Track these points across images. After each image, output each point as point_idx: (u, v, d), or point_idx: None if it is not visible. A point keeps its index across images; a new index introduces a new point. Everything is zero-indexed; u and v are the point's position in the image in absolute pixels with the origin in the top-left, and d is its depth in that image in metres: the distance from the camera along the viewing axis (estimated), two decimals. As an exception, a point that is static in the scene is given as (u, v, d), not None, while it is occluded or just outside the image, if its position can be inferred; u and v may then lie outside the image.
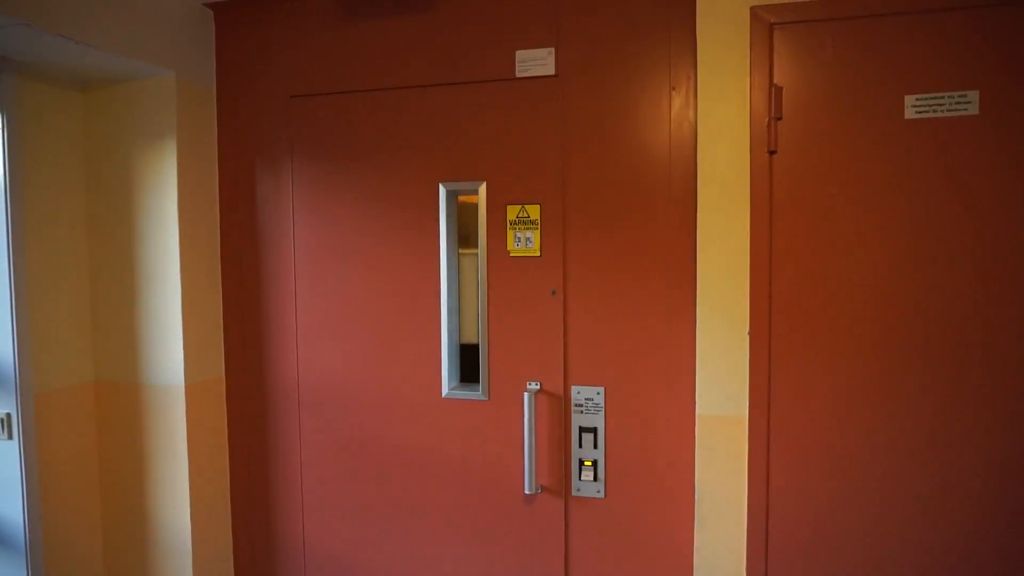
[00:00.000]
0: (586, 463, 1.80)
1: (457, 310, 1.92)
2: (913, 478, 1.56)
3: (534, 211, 1.80)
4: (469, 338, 1.94)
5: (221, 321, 2.10)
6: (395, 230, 1.92)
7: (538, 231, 1.80)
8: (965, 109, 1.50)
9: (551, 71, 1.79)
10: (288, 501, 2.07)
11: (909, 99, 1.53)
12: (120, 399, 2.01)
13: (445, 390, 1.89)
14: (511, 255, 1.83)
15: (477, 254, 1.86)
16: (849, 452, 1.59)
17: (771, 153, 1.61)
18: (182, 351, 1.94)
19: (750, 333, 1.62)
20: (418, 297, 1.91)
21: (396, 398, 1.94)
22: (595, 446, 1.79)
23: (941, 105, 1.51)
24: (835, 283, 1.58)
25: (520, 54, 1.81)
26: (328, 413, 2.01)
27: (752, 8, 1.60)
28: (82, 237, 2.01)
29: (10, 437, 1.80)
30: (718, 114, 1.64)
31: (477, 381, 1.88)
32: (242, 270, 2.07)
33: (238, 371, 2.10)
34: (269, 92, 2.02)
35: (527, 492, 1.78)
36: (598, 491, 1.80)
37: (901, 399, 1.56)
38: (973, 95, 1.49)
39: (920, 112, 1.52)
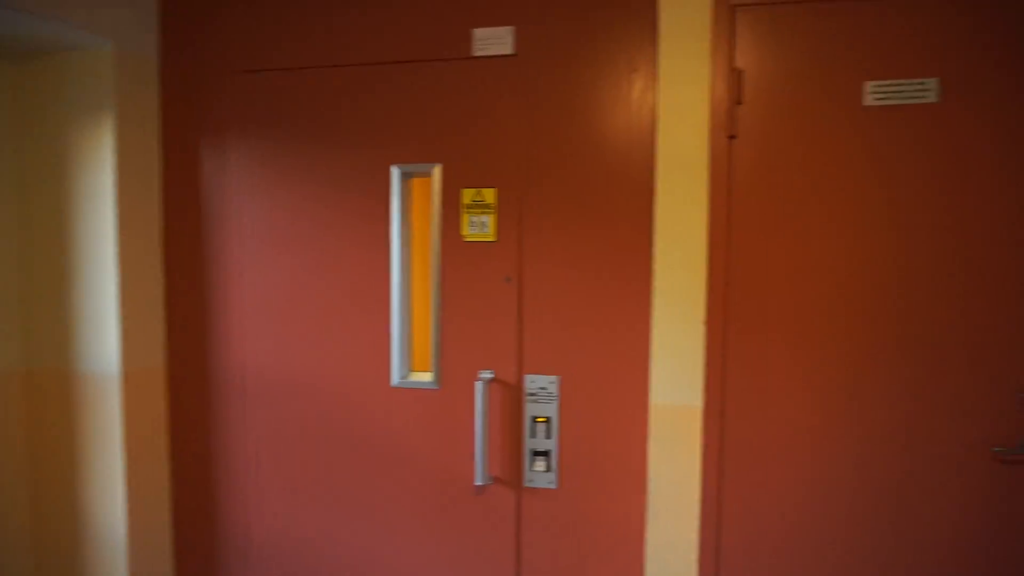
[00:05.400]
0: (539, 453, 1.75)
1: (409, 297, 1.85)
2: (868, 469, 1.55)
3: (490, 195, 1.75)
4: (422, 326, 1.88)
5: (163, 306, 2.00)
6: (346, 213, 1.85)
7: (494, 216, 1.75)
8: (924, 96, 1.48)
9: (510, 50, 1.73)
10: (232, 493, 1.98)
11: (869, 85, 1.51)
12: (51, 388, 1.90)
13: (395, 379, 1.83)
14: (465, 240, 1.77)
15: (430, 238, 1.80)
16: (803, 444, 1.58)
17: (731, 138, 1.58)
18: (118, 337, 1.84)
19: (706, 321, 1.59)
20: (368, 283, 1.84)
21: (345, 387, 1.87)
22: (548, 436, 1.74)
23: (901, 92, 1.49)
24: (793, 270, 1.56)
25: (478, 32, 1.75)
26: (275, 402, 1.93)
27: (714, -11, 1.57)
28: (11, 217, 1.89)
29: (-71, 427, 1.68)
30: (678, 98, 1.61)
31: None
32: (186, 253, 1.98)
33: (180, 358, 2.00)
34: (216, 66, 1.93)
35: (478, 483, 1.72)
36: (551, 482, 1.75)
37: (857, 388, 1.54)
38: (932, 82, 1.48)
39: (879, 99, 1.50)
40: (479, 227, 1.75)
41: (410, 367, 1.86)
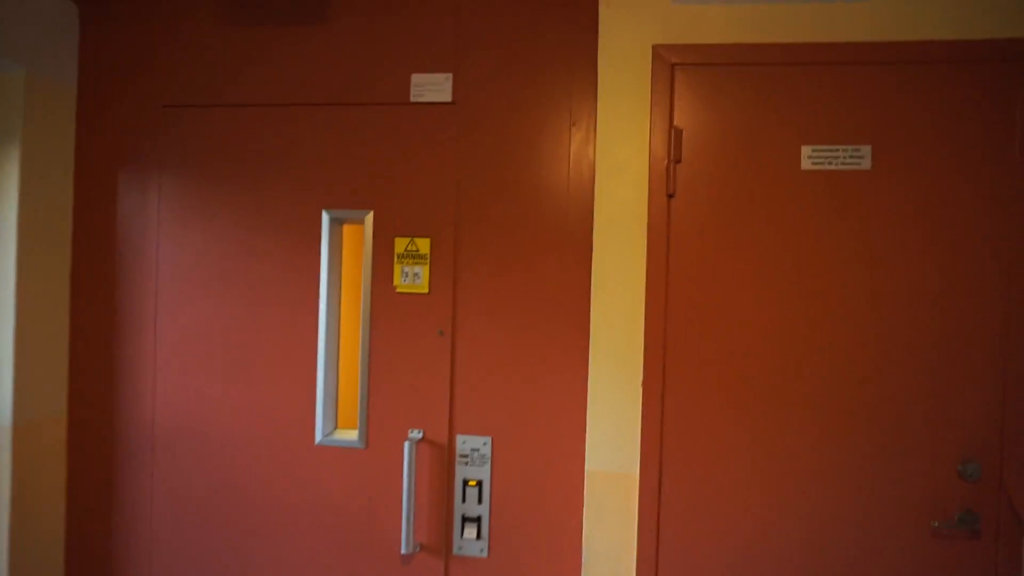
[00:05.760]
0: (469, 519, 1.65)
1: (336, 350, 1.74)
2: (809, 541, 1.50)
3: (424, 245, 1.67)
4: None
5: (67, 351, 1.83)
6: (272, 258, 1.74)
7: (427, 266, 1.67)
8: (858, 163, 1.49)
9: (448, 98, 1.68)
10: (136, 560, 1.80)
11: (806, 149, 1.51)
12: (-70, 441, 1.71)
13: (319, 437, 1.71)
14: (397, 291, 1.68)
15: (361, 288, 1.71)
16: (742, 513, 1.52)
17: (670, 196, 1.55)
18: (11, 384, 1.68)
19: (643, 384, 1.54)
20: (293, 333, 1.73)
21: (265, 445, 1.74)
22: (480, 501, 1.65)
23: (836, 157, 1.50)
24: (732, 331, 1.53)
25: (416, 78, 1.70)
26: (188, 458, 1.78)
27: (655, 47, 1.56)
28: None
29: None
30: (617, 154, 1.58)
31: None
32: (96, 295, 1.83)
33: (84, 409, 1.83)
34: (139, 99, 1.82)
35: (404, 552, 1.61)
36: (481, 550, 1.65)
37: (796, 451, 1.51)
38: (866, 150, 1.49)
39: (816, 163, 1.50)
40: (412, 278, 1.68)
41: (335, 424, 1.75)
